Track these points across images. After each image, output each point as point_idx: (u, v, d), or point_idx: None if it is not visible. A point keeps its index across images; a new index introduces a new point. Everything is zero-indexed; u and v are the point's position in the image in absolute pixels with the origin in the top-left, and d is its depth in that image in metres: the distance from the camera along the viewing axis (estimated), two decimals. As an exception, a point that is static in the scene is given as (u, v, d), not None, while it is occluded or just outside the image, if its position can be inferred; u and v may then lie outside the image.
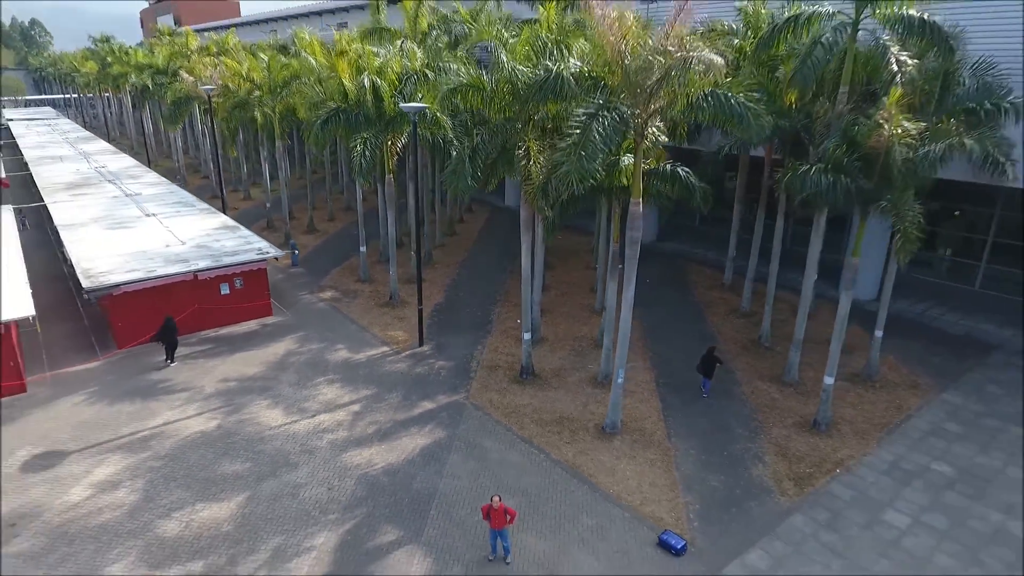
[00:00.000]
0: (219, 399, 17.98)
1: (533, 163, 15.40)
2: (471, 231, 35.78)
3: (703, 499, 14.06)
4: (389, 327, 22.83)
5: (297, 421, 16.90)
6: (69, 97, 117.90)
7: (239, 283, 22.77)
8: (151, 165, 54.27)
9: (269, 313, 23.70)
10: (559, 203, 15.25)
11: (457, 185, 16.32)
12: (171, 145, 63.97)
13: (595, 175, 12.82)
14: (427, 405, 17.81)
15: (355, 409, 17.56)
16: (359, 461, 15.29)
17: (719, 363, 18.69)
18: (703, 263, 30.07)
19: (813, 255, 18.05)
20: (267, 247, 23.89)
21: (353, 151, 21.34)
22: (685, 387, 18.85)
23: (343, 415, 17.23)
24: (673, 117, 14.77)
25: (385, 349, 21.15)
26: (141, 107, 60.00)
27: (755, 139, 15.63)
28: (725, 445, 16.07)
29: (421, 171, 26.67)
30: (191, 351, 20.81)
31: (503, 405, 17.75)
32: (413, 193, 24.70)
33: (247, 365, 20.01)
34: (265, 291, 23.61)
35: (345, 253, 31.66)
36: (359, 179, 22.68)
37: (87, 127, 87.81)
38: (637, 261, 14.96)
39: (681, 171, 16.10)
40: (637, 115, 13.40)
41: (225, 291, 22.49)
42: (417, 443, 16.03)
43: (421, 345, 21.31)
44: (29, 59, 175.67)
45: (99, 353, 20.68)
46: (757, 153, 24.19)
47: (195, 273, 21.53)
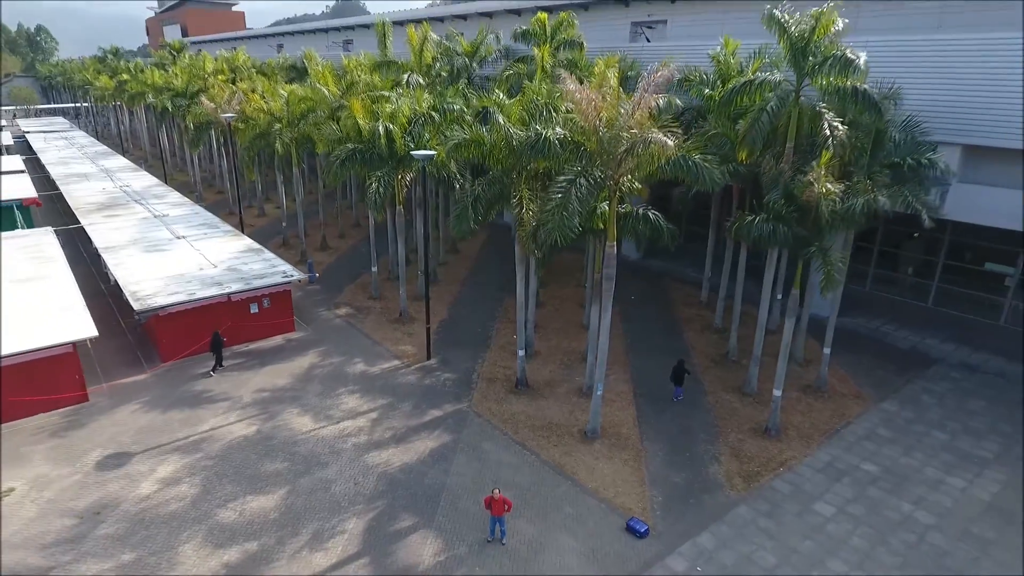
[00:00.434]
0: (256, 407, 20.85)
1: (525, 210, 18.29)
2: (472, 249, 38.63)
3: (666, 492, 16.92)
4: (400, 342, 25.70)
5: (324, 426, 19.77)
6: (79, 106, 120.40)
7: (267, 303, 25.64)
8: (167, 179, 57.22)
9: (292, 329, 26.58)
10: (547, 246, 18.03)
11: (461, 228, 19.17)
12: (186, 159, 66.97)
13: (575, 230, 15.72)
14: (435, 413, 20.67)
15: (373, 416, 20.42)
16: (379, 461, 18.15)
17: (687, 373, 21.67)
18: (683, 280, 32.93)
19: (767, 288, 20.93)
20: (290, 270, 26.75)
21: (368, 187, 24.27)
22: (659, 397, 21.72)
23: (363, 421, 20.10)
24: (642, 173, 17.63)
25: (397, 363, 24.02)
26: (159, 127, 62.70)
27: (711, 189, 18.43)
28: (688, 447, 18.94)
29: (427, 197, 29.33)
30: (227, 364, 23.66)
31: (500, 413, 20.62)
32: (421, 220, 27.59)
33: (277, 377, 22.88)
34: (289, 309, 26.49)
35: (357, 270, 34.52)
36: (373, 211, 25.49)
37: (99, 137, 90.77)
38: (612, 293, 17.83)
39: (651, 214, 18.95)
40: (610, 176, 16.28)
41: (254, 310, 25.36)
42: (427, 445, 18.89)
43: (429, 359, 24.18)
44: (37, 66, 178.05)
45: (146, 367, 23.53)
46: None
47: (229, 295, 24.39)
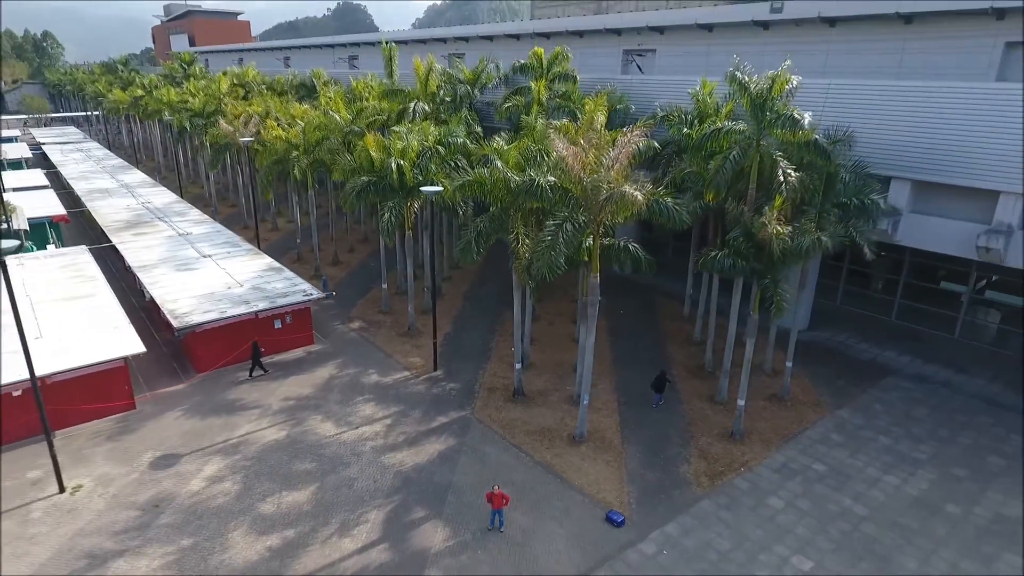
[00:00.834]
0: (284, 414, 23.63)
1: (521, 245, 21.07)
2: (473, 264, 41.35)
3: (641, 489, 19.69)
4: (409, 354, 28.48)
5: (345, 431, 22.54)
6: (89, 115, 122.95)
7: (289, 319, 28.43)
8: (182, 192, 60.07)
9: (312, 342, 29.37)
10: (539, 277, 20.74)
11: (466, 258, 21.94)
12: (198, 171, 69.80)
13: (561, 268, 18.52)
14: (442, 419, 23.45)
15: (388, 422, 23.20)
16: (394, 461, 20.92)
17: (668, 382, 24.53)
18: (668, 295, 35.69)
19: (734, 309, 23.69)
20: (310, 289, 29.53)
21: (381, 216, 27.08)
22: (640, 405, 24.49)
23: (379, 427, 22.87)
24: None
25: (407, 374, 26.80)
26: (177, 144, 65.44)
27: (680, 227, 21.12)
28: (663, 449, 21.71)
29: (434, 224, 32.01)
30: (256, 375, 26.44)
31: (500, 419, 23.39)
32: (427, 242, 30.39)
33: (301, 387, 25.67)
34: (309, 324, 29.28)
35: (367, 285, 37.32)
36: (385, 238, 28.26)
37: (111, 147, 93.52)
38: (596, 317, 20.60)
39: (631, 246, 21.69)
40: (593, 219, 19.06)
41: (278, 325, 28.14)
42: (436, 448, 21.66)
43: (436, 370, 26.96)
44: (45, 73, 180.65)
45: (183, 377, 26.32)
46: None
47: (256, 313, 27.18)
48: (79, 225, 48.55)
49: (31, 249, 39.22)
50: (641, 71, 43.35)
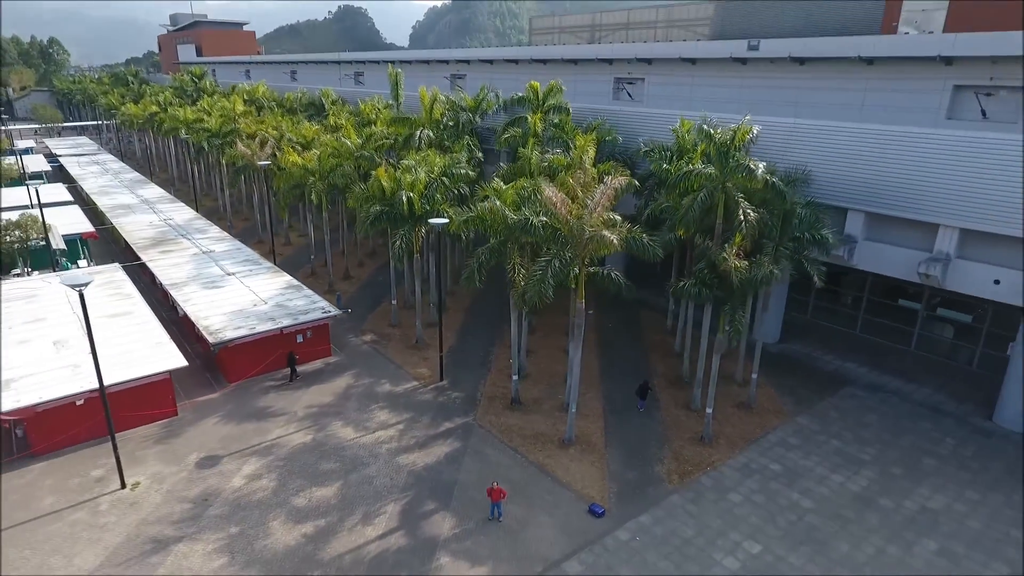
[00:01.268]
0: (308, 420, 26.83)
1: (517, 274, 24.27)
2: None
3: (620, 485, 22.88)
4: (417, 365, 31.68)
5: (364, 435, 25.74)
6: (100, 124, 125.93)
7: (309, 334, 31.61)
8: (197, 205, 63.27)
9: (329, 355, 32.56)
10: (532, 303, 23.92)
11: (469, 285, 25.15)
12: (211, 184, 73.01)
13: (550, 297, 21.72)
14: (448, 424, 26.65)
15: (400, 427, 26.40)
16: (407, 461, 24.11)
17: (650, 390, 27.81)
18: (654, 308, 38.87)
19: (705, 330, 26.88)
20: (328, 306, 32.71)
21: (393, 244, 30.29)
22: (623, 412, 27.69)
23: (393, 431, 26.07)
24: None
25: (416, 383, 30.00)
26: (195, 161, 68.61)
27: (654, 259, 24.25)
28: (641, 452, 24.90)
29: (440, 249, 35.07)
30: (281, 384, 29.66)
31: (499, 425, 26.58)
32: (433, 264, 33.58)
33: (321, 395, 28.87)
34: (327, 338, 32.48)
35: (377, 299, 40.52)
36: (396, 263, 31.43)
37: (123, 157, 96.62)
38: (582, 336, 23.81)
39: (613, 274, 24.83)
40: (578, 254, 22.25)
41: (300, 340, 31.33)
42: (443, 450, 24.85)
43: (441, 380, 30.16)
44: (53, 80, 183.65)
45: (216, 387, 29.52)
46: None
47: (282, 329, 30.37)
48: (103, 241, 51.68)
49: (67, 267, 42.48)
50: (631, 97, 46.49)
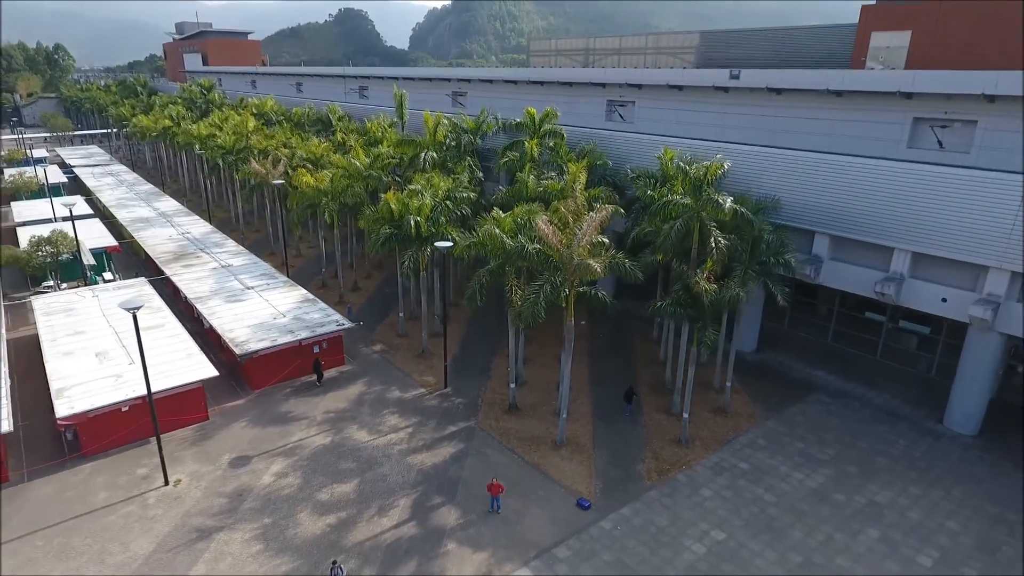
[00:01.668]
0: (327, 424, 29.82)
1: (515, 294, 27.26)
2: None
3: (605, 482, 25.86)
4: (423, 373, 34.67)
5: (377, 438, 28.73)
6: (110, 132, 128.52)
7: (324, 345, 34.60)
8: (210, 216, 66.28)
9: (343, 363, 35.54)
10: (527, 321, 26.93)
11: (471, 303, 28.14)
12: (223, 195, 75.91)
13: (543, 317, 24.72)
14: (452, 428, 29.64)
15: (409, 430, 29.38)
16: (416, 461, 27.10)
17: (635, 395, 30.82)
18: (642, 319, 41.83)
19: (683, 342, 29.87)
20: (341, 319, 35.68)
21: (403, 263, 33.29)
22: (610, 417, 30.68)
23: (403, 434, 29.06)
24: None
25: (423, 390, 32.99)
26: (209, 176, 71.56)
27: (636, 281, 27.28)
28: (625, 452, 27.89)
29: (446, 270, 38.13)
30: (302, 391, 32.65)
31: (498, 428, 29.57)
32: (438, 278, 36.59)
33: (337, 401, 31.86)
34: (341, 349, 35.47)
35: (384, 310, 43.51)
36: (406, 280, 34.43)
37: (134, 166, 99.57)
38: (571, 351, 26.80)
39: (600, 294, 27.81)
40: (567, 279, 25.24)
41: (316, 350, 34.31)
42: (448, 451, 27.85)
43: (446, 387, 33.14)
44: (61, 87, 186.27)
45: (241, 394, 32.50)
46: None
47: (300, 341, 33.36)
48: (124, 253, 54.61)
49: (95, 280, 45.44)
50: (623, 119, 49.46)
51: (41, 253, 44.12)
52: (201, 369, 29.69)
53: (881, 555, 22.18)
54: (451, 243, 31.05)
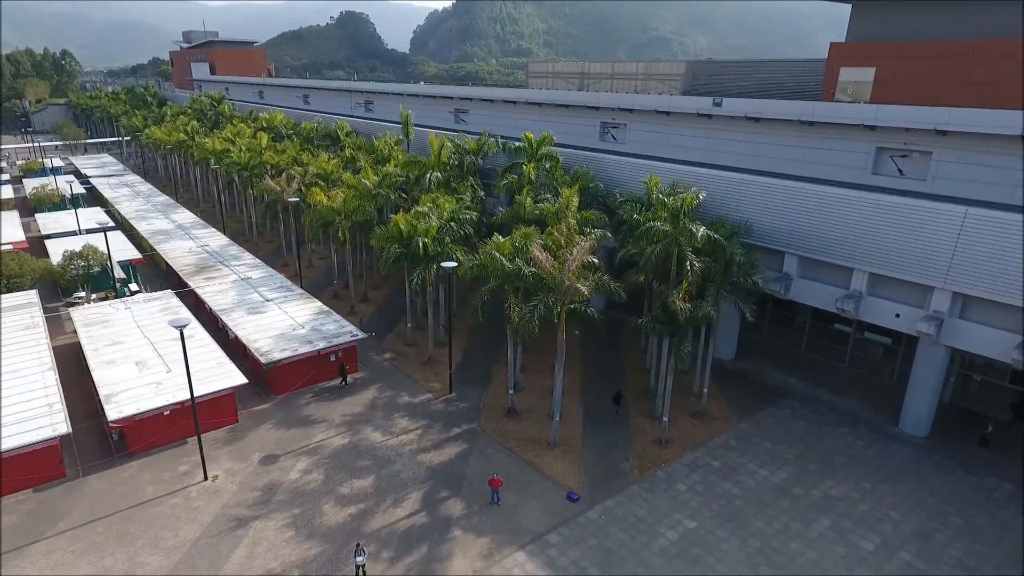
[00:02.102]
0: (344, 426, 33.21)
1: (513, 311, 30.67)
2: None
3: (593, 478, 29.24)
4: (430, 380, 38.07)
5: (390, 439, 32.13)
6: (121, 140, 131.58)
7: (340, 354, 38.00)
8: (224, 227, 69.71)
9: (357, 371, 38.93)
10: (524, 336, 30.33)
11: (474, 320, 31.53)
12: (235, 206, 79.27)
13: (537, 333, 28.09)
14: (457, 430, 33.02)
15: (418, 432, 32.78)
16: (426, 459, 30.49)
17: (623, 398, 34.24)
18: (632, 329, 45.16)
19: (664, 354, 33.26)
20: (355, 330, 39.07)
21: (412, 281, 36.72)
22: (599, 420, 34.06)
23: (413, 435, 32.45)
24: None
25: (430, 395, 36.39)
26: (225, 190, 74.95)
27: (618, 299, 30.67)
28: (611, 452, 31.27)
29: (451, 286, 41.46)
30: (321, 396, 36.05)
31: (498, 430, 32.95)
32: (443, 291, 39.98)
33: (352, 406, 35.26)
34: (355, 357, 38.87)
35: (393, 321, 46.91)
36: (416, 297, 37.79)
37: (146, 175, 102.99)
38: (564, 362, 30.20)
39: (589, 311, 31.17)
40: (559, 299, 28.63)
41: (333, 359, 37.71)
42: (453, 450, 31.23)
43: (451, 393, 36.53)
44: (70, 95, 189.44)
45: (266, 399, 35.90)
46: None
47: (319, 351, 36.76)
48: (145, 265, 58.00)
49: (124, 292, 48.84)
50: (616, 139, 52.82)
51: (74, 267, 47.52)
52: (232, 377, 33.09)
53: (830, 541, 25.57)
54: (456, 263, 34.43)
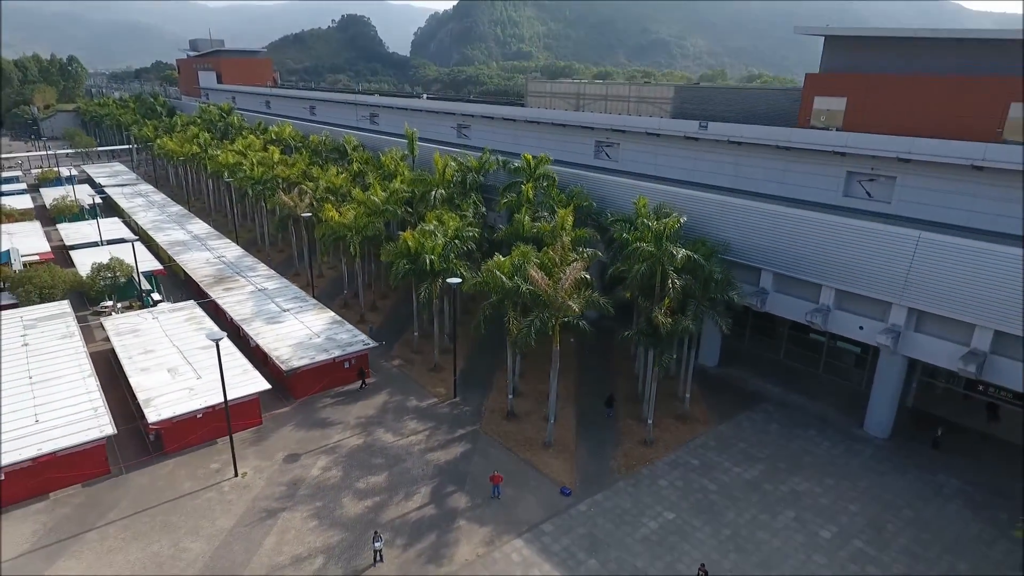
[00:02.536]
0: (358, 428, 36.51)
1: (512, 324, 33.96)
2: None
3: (584, 474, 32.51)
4: (436, 386, 41.37)
5: (400, 439, 35.42)
6: (131, 147, 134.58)
7: (353, 361, 41.29)
8: (236, 236, 73.00)
9: (369, 376, 42.21)
10: (522, 347, 33.61)
11: (477, 332, 34.82)
12: (246, 215, 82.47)
13: (533, 346, 31.38)
14: (461, 431, 36.31)
15: (426, 433, 36.07)
16: (433, 458, 33.77)
17: (615, 401, 37.54)
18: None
19: (649, 362, 36.55)
20: (366, 339, 42.34)
21: (420, 295, 40.02)
22: (591, 422, 37.35)
23: (421, 436, 35.75)
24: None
25: (435, 400, 39.68)
26: (237, 204, 78.28)
27: (608, 313, 33.96)
28: (601, 451, 34.55)
29: (455, 299, 44.75)
30: (337, 400, 39.35)
31: (498, 431, 36.24)
32: (448, 302, 43.30)
33: (365, 409, 38.55)
34: (367, 364, 42.15)
35: (400, 329, 50.20)
36: (423, 310, 41.06)
37: (157, 184, 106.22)
38: (558, 370, 33.50)
39: (581, 324, 34.41)
40: (553, 314, 31.91)
41: (346, 366, 41.02)
42: (458, 450, 34.52)
43: (455, 397, 39.83)
44: (79, 103, 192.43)
45: (286, 403, 39.20)
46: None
47: (334, 358, 40.06)
48: (166, 275, 61.29)
49: (148, 303, 52.12)
50: (609, 157, 56.11)
51: (102, 278, 50.82)
52: (257, 383, 36.39)
53: (793, 530, 28.86)
54: (460, 280, 37.72)
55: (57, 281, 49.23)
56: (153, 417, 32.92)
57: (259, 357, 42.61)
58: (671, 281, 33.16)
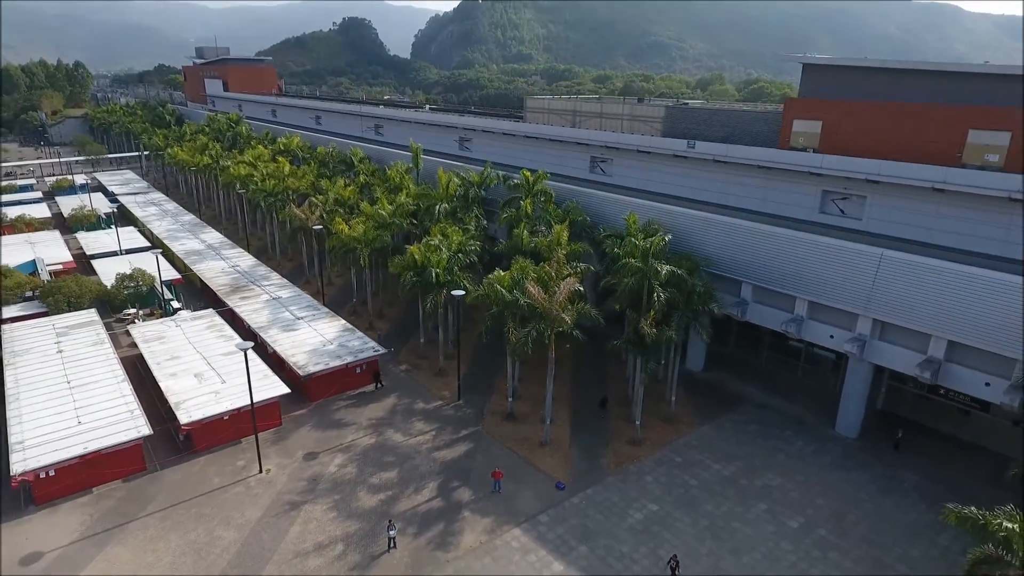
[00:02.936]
0: (370, 428, 39.73)
1: (511, 333, 37.17)
2: (483, 317, 57.40)
3: (577, 471, 35.72)
4: (441, 389, 44.59)
5: (409, 439, 38.63)
6: (140, 155, 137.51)
7: (364, 366, 44.50)
8: (248, 244, 76.21)
9: (381, 380, 45.44)
10: (520, 356, 36.83)
11: (479, 341, 38.00)
12: (256, 223, 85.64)
13: (530, 355, 34.61)
14: (464, 432, 39.53)
15: (432, 433, 39.28)
16: (439, 456, 36.98)
17: (608, 402, 40.74)
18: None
19: (638, 368, 39.76)
20: (376, 346, 45.55)
21: (426, 306, 43.25)
22: (584, 423, 40.55)
23: (428, 436, 38.96)
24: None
25: (440, 402, 42.90)
26: (252, 212, 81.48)
27: (599, 323, 37.19)
28: (593, 449, 37.75)
29: (459, 308, 48.06)
30: (350, 403, 42.56)
31: (499, 432, 39.45)
32: (452, 310, 46.54)
33: (376, 411, 41.78)
34: (377, 368, 45.37)
35: (406, 336, 53.42)
36: (427, 320, 44.26)
37: (168, 192, 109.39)
38: (553, 375, 36.72)
39: (576, 334, 37.59)
40: (549, 325, 35.12)
41: (358, 371, 44.23)
42: (462, 448, 37.72)
43: (459, 400, 43.05)
44: (86, 109, 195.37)
45: (303, 405, 42.41)
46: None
47: (347, 364, 43.28)
48: (184, 283, 64.49)
49: (169, 311, 55.34)
50: (604, 172, 59.30)
51: (126, 288, 54.04)
52: (277, 387, 39.59)
53: (764, 520, 32.08)
54: (464, 292, 40.93)
55: (84, 290, 52.42)
56: (184, 419, 36.13)
57: (275, 362, 45.77)
58: (656, 294, 36.36)
